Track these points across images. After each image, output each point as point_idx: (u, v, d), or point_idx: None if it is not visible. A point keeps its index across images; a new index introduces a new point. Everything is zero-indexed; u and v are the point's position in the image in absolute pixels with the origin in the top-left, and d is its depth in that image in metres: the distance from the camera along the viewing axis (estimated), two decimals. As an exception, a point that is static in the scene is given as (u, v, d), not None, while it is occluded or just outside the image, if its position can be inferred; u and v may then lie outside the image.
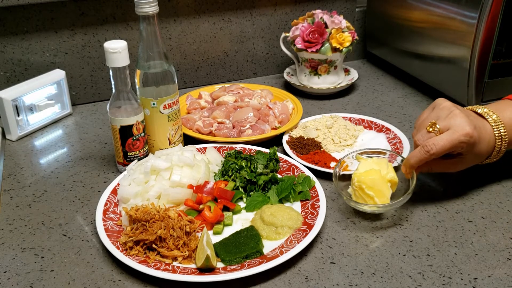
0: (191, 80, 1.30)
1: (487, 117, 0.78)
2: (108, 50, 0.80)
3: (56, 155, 0.98)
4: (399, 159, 0.82)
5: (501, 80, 1.04)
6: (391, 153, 0.83)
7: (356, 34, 1.19)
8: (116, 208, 0.79)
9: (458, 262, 0.69)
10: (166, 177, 0.80)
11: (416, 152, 0.76)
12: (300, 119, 1.05)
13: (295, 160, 0.90)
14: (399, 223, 0.77)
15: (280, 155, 0.90)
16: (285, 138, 0.98)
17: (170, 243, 0.70)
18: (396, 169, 0.80)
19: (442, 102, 0.78)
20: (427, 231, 0.75)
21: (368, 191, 0.75)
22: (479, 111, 0.79)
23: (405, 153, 0.91)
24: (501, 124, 0.77)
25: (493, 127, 0.77)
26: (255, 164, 0.85)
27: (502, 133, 0.77)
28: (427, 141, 0.75)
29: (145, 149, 0.90)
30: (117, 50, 0.80)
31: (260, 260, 0.67)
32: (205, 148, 0.93)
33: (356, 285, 0.65)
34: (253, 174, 0.84)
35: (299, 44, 1.17)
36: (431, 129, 0.76)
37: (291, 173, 0.87)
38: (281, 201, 0.81)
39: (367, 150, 0.84)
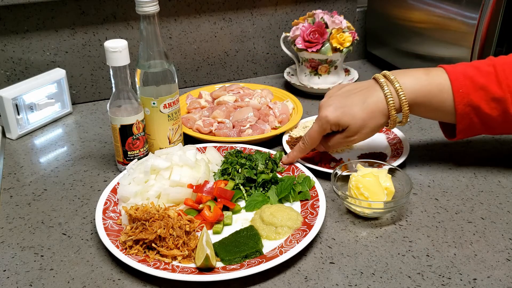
0: (191, 79, 1.30)
1: (384, 87, 0.80)
2: (109, 49, 0.80)
3: (56, 154, 0.98)
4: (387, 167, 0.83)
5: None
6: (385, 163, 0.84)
7: (356, 34, 1.19)
8: (115, 207, 0.79)
9: (458, 263, 0.69)
10: (166, 176, 0.80)
11: (295, 147, 0.87)
12: (300, 119, 1.05)
13: (295, 160, 0.90)
14: (399, 223, 0.77)
15: (280, 155, 0.90)
16: (285, 138, 0.98)
17: (170, 242, 0.70)
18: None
19: None
20: (427, 231, 0.75)
21: (364, 191, 0.75)
22: (381, 80, 0.81)
23: (404, 153, 0.91)
24: (400, 90, 0.80)
25: (387, 94, 0.80)
26: (255, 163, 0.85)
27: (402, 99, 0.80)
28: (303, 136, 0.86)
29: (145, 148, 0.90)
30: (117, 49, 0.80)
31: (260, 260, 0.67)
32: (205, 148, 0.93)
33: (356, 285, 0.65)
34: (253, 171, 0.84)
35: (299, 44, 1.17)
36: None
37: (291, 173, 0.87)
38: (280, 201, 0.81)
39: (368, 160, 0.84)
